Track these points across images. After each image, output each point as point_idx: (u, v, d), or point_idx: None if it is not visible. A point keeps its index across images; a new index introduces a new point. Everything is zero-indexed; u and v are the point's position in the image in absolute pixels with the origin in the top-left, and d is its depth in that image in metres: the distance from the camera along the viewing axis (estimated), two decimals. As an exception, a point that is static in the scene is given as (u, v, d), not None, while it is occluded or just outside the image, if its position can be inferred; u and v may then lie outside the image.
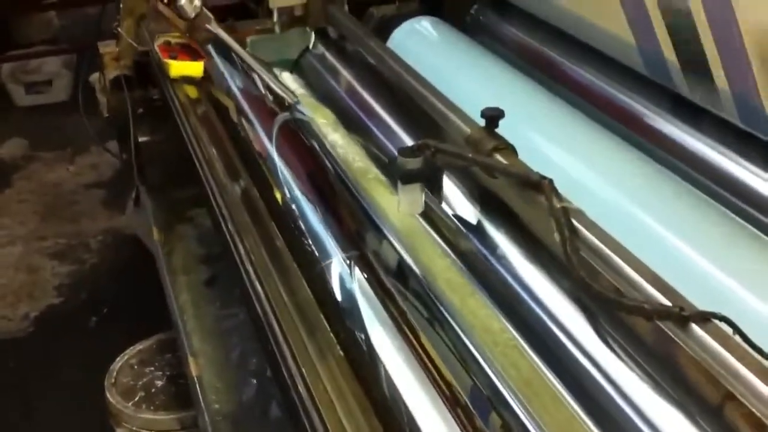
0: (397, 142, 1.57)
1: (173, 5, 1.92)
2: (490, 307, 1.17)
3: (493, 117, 1.25)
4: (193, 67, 1.96)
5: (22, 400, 2.67)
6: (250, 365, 1.70)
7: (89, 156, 4.09)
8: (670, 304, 0.90)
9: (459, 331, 1.12)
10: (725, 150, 1.39)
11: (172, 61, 1.96)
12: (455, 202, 1.31)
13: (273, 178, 1.52)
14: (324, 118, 1.73)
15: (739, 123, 1.33)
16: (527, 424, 0.97)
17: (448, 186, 1.31)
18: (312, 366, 1.00)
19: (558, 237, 1.04)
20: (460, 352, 1.10)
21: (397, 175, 1.23)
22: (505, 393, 1.03)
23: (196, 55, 2.00)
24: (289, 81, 1.99)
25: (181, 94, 1.93)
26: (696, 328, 0.87)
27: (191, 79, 1.97)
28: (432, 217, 1.31)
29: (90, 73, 3.06)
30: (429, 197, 1.27)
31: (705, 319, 0.87)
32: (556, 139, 1.49)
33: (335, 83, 1.92)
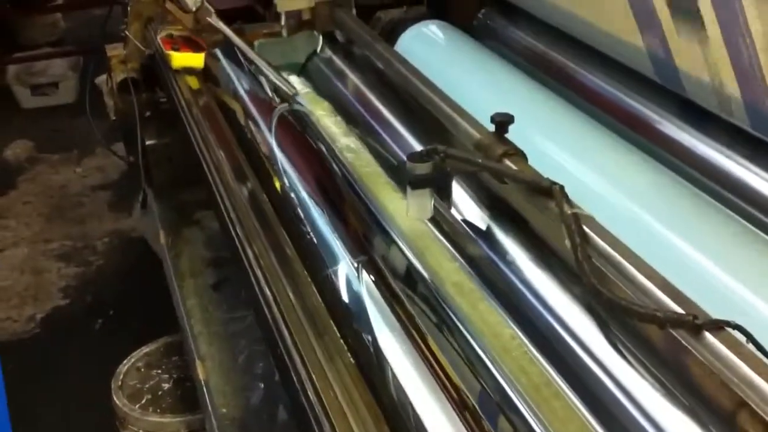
0: (405, 146, 1.57)
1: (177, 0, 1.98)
2: (499, 313, 1.17)
3: (502, 122, 1.25)
4: (195, 58, 2.02)
5: (27, 402, 2.66)
6: (257, 369, 1.70)
7: (95, 158, 4.09)
8: (683, 312, 0.90)
9: (469, 336, 1.12)
10: (736, 156, 1.39)
11: (174, 52, 2.02)
12: (464, 207, 1.30)
13: (280, 181, 1.51)
14: (325, 113, 1.75)
15: (750, 129, 1.32)
16: (537, 431, 0.96)
17: (457, 191, 1.30)
18: (322, 372, 0.99)
19: (569, 243, 1.04)
20: (470, 358, 1.09)
21: (407, 180, 1.23)
22: (515, 399, 1.02)
23: (198, 47, 2.05)
24: (296, 84, 2.00)
25: (185, 89, 1.95)
26: (709, 337, 0.86)
27: (193, 70, 2.02)
28: (441, 222, 1.30)
29: (96, 76, 3.07)
30: (438, 202, 1.26)
31: (718, 327, 0.87)
32: (565, 145, 1.48)
33: (343, 87, 1.92)
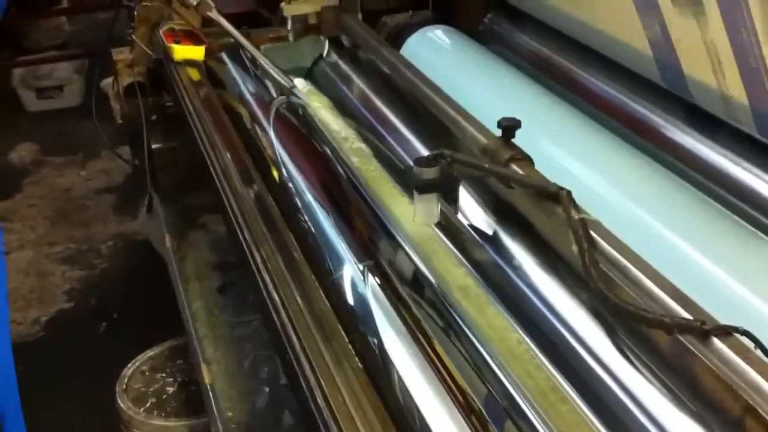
0: (412, 150, 1.57)
1: None
2: (506, 317, 1.17)
3: (509, 127, 1.25)
4: (195, 51, 2.08)
5: (32, 405, 2.66)
6: (262, 373, 1.70)
7: (100, 161, 4.09)
8: (690, 318, 0.90)
9: (475, 341, 1.12)
10: (742, 161, 1.38)
11: (175, 45, 2.08)
12: (471, 212, 1.30)
13: (286, 185, 1.52)
14: (324, 107, 1.76)
15: (756, 134, 1.32)
16: (544, 436, 0.96)
17: (464, 196, 1.30)
18: (330, 377, 0.99)
19: (576, 248, 1.04)
20: (477, 362, 1.09)
21: (413, 184, 1.23)
22: (522, 404, 1.02)
23: (199, 41, 2.12)
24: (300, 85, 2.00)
25: (192, 92, 1.95)
26: (717, 342, 0.87)
27: (193, 62, 2.08)
28: (448, 227, 1.30)
29: (101, 79, 3.07)
30: (445, 207, 1.27)
31: (726, 333, 0.87)
32: (572, 150, 1.48)
33: (349, 91, 1.92)
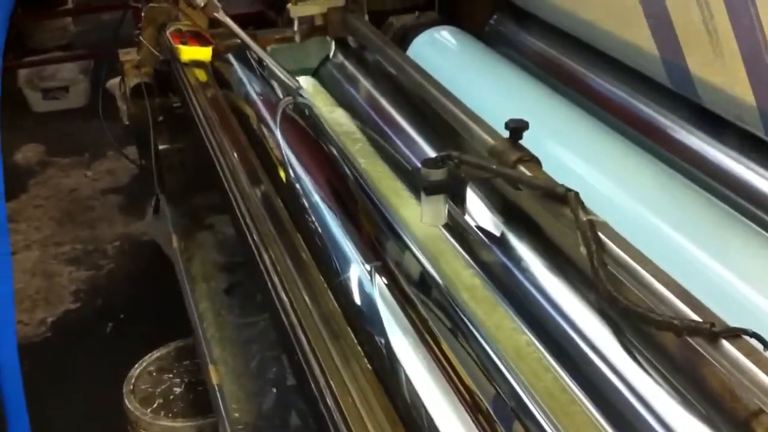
0: (419, 151, 1.57)
1: None
2: (514, 319, 1.17)
3: (517, 128, 1.25)
4: (202, 51, 2.07)
5: (38, 406, 2.66)
6: (269, 374, 1.70)
7: (106, 161, 4.10)
8: (699, 320, 0.90)
9: (483, 342, 1.12)
10: (750, 162, 1.38)
11: (182, 46, 2.08)
12: (478, 213, 1.30)
13: (294, 186, 1.52)
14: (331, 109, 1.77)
15: (764, 135, 1.32)
16: (552, 437, 0.96)
17: (472, 197, 1.30)
18: (340, 378, 1.00)
19: (584, 250, 1.04)
20: (485, 363, 1.10)
21: (421, 186, 1.23)
22: (530, 405, 1.02)
23: (206, 42, 2.11)
24: (305, 84, 2.01)
25: (200, 93, 1.95)
26: (726, 344, 0.87)
27: (201, 63, 2.07)
28: (455, 228, 1.31)
29: (107, 80, 3.08)
30: (452, 208, 1.27)
31: (735, 335, 0.87)
32: (580, 151, 1.48)
33: (355, 92, 1.93)
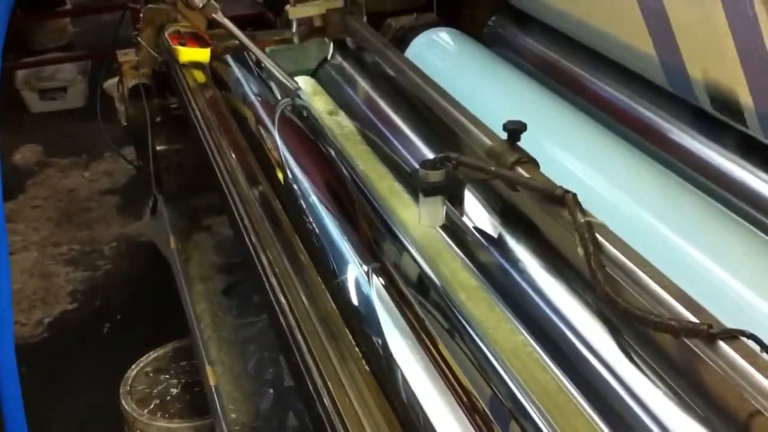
0: (417, 153, 1.57)
1: None
2: (511, 320, 1.17)
3: (514, 130, 1.25)
4: (201, 53, 2.08)
5: (36, 406, 2.65)
6: (267, 375, 1.71)
7: (104, 162, 4.10)
8: (697, 321, 0.90)
9: (480, 343, 1.12)
10: (748, 165, 1.39)
11: (181, 47, 2.08)
12: (476, 214, 1.30)
13: (293, 189, 1.52)
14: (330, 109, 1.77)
15: (763, 138, 1.32)
16: (549, 438, 0.96)
17: (470, 199, 1.30)
18: (337, 378, 1.00)
19: (582, 251, 1.04)
20: (482, 364, 1.10)
21: (419, 187, 1.23)
22: (526, 405, 1.02)
23: (204, 43, 2.11)
24: (304, 84, 2.01)
25: (198, 95, 1.95)
26: (724, 346, 0.86)
27: (199, 64, 2.07)
28: (453, 229, 1.30)
29: (105, 80, 3.08)
30: (450, 210, 1.27)
31: (733, 336, 0.87)
32: (578, 153, 1.48)
33: (354, 93, 1.92)
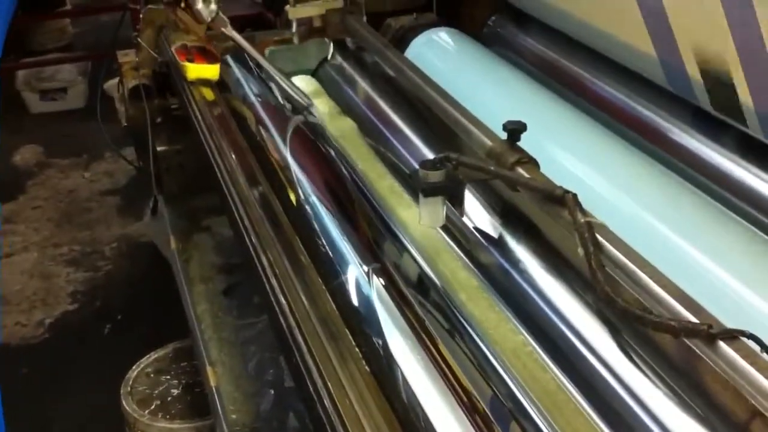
0: (417, 153, 1.57)
1: (190, 10, 1.95)
2: (511, 320, 1.17)
3: (514, 130, 1.25)
4: (210, 69, 1.98)
5: (36, 407, 2.67)
6: (267, 375, 1.71)
7: (104, 163, 4.10)
8: (697, 321, 0.90)
9: (480, 343, 1.12)
10: (748, 164, 1.39)
11: (189, 63, 1.99)
12: (476, 215, 1.30)
13: (293, 189, 1.52)
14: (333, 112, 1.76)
15: (762, 138, 1.32)
16: (549, 437, 0.96)
17: (470, 199, 1.30)
18: (337, 379, 1.00)
19: (582, 252, 1.04)
20: (482, 364, 1.10)
21: (419, 187, 1.23)
22: (526, 405, 1.03)
23: (213, 58, 2.01)
24: (301, 82, 2.01)
25: (199, 96, 1.94)
26: (724, 346, 0.86)
27: (208, 82, 1.99)
28: (453, 230, 1.31)
29: (105, 81, 3.08)
30: (450, 210, 1.27)
31: (733, 336, 0.87)
32: (578, 153, 1.48)
33: (354, 94, 1.92)
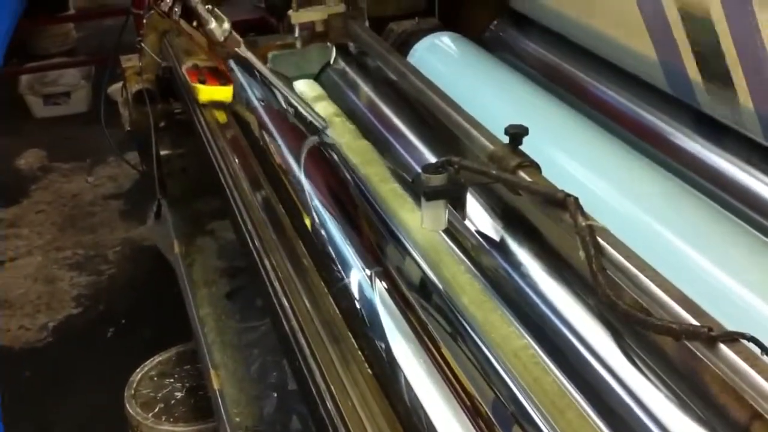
0: (419, 157, 1.58)
1: (202, 29, 1.81)
2: (513, 323, 1.18)
3: (516, 134, 1.26)
4: (223, 91, 1.85)
5: (40, 411, 2.67)
6: (270, 378, 1.71)
7: (108, 167, 4.12)
8: (698, 324, 0.90)
9: (483, 346, 1.13)
10: (749, 167, 1.39)
11: (201, 85, 1.85)
12: (478, 218, 1.31)
13: (296, 193, 1.52)
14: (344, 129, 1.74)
15: (763, 140, 1.33)
16: (550, 441, 0.97)
17: (472, 203, 1.31)
18: (339, 382, 1.00)
19: (583, 255, 1.04)
20: (484, 368, 1.10)
21: (421, 191, 1.23)
22: (529, 409, 1.03)
23: (225, 79, 1.88)
24: (305, 87, 2.01)
25: (208, 115, 1.91)
26: (724, 348, 0.87)
27: (221, 104, 1.86)
28: (455, 233, 1.31)
29: (109, 85, 3.09)
30: (452, 214, 1.27)
31: (733, 339, 0.87)
32: (579, 156, 1.49)
33: (356, 98, 1.93)
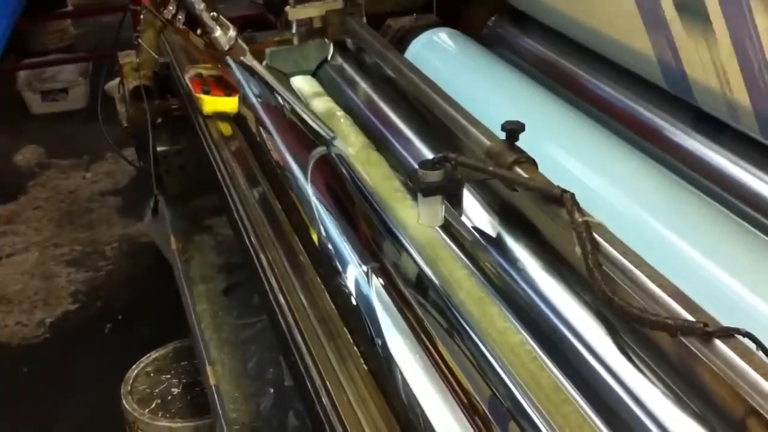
0: (416, 153, 1.58)
1: (206, 36, 1.75)
2: (509, 319, 1.18)
3: (513, 130, 1.26)
4: (228, 102, 1.79)
5: (37, 407, 2.68)
6: (267, 375, 1.71)
7: (105, 163, 4.11)
8: (693, 320, 0.90)
9: (479, 343, 1.13)
10: (746, 164, 1.39)
11: (205, 96, 1.79)
12: (475, 214, 1.31)
13: (293, 189, 1.52)
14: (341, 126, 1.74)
15: (760, 137, 1.33)
16: (547, 437, 0.97)
17: (468, 199, 1.31)
18: (335, 378, 1.00)
19: (579, 251, 1.05)
20: (480, 364, 1.10)
21: (418, 187, 1.23)
22: (525, 405, 1.03)
23: (230, 89, 1.82)
24: (303, 84, 2.01)
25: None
26: (720, 344, 0.87)
27: (225, 115, 1.80)
28: (452, 229, 1.31)
29: (106, 82, 3.08)
30: (449, 210, 1.27)
31: (729, 335, 0.87)
32: (576, 153, 1.49)
33: (354, 94, 1.93)
